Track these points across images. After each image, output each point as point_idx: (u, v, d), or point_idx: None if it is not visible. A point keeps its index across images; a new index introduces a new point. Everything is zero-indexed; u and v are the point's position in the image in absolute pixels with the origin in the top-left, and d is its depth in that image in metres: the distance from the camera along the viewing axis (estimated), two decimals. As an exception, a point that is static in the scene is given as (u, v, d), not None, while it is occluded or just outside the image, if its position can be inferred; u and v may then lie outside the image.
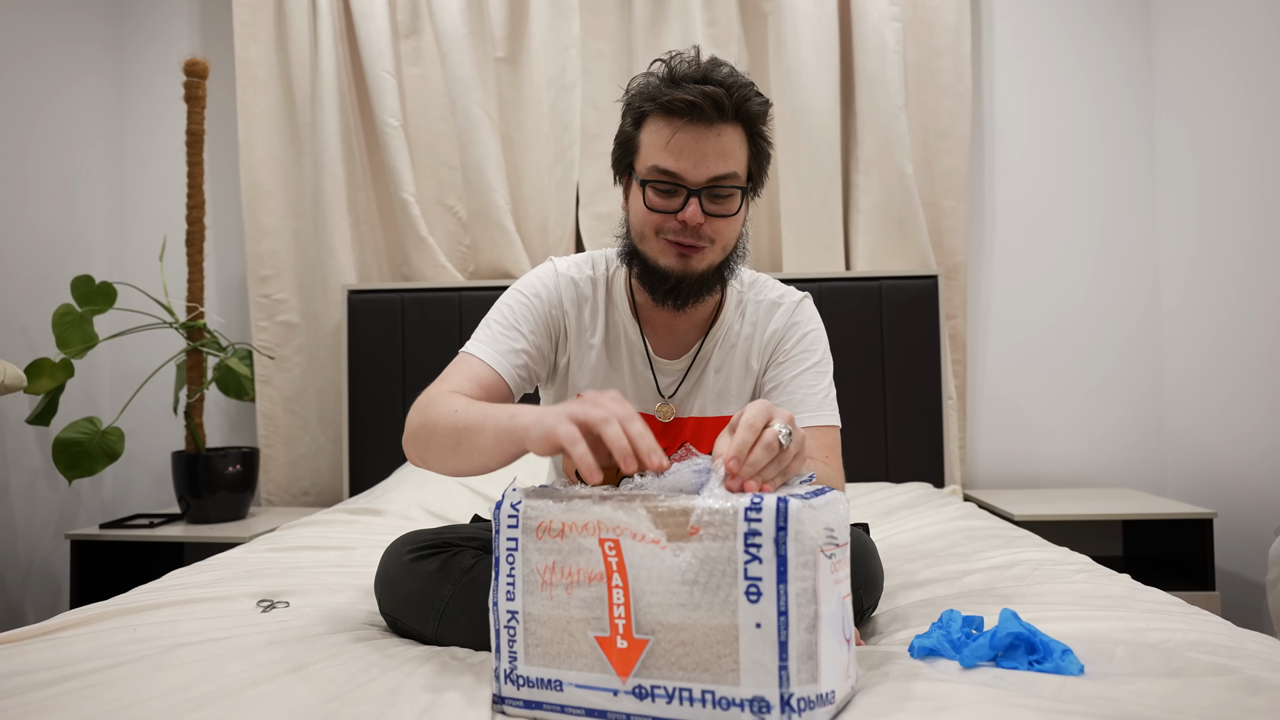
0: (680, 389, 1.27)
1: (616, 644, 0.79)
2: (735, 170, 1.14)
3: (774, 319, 1.28)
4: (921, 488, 2.22)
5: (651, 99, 1.13)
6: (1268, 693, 0.81)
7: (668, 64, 1.13)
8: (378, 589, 1.16)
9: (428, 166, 2.65)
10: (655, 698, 0.77)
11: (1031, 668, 0.90)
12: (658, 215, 1.15)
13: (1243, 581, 2.25)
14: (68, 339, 2.31)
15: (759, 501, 0.76)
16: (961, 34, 2.51)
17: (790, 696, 0.73)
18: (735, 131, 1.13)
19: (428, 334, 2.55)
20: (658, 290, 1.19)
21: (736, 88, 1.11)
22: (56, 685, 0.91)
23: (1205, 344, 2.40)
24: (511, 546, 0.85)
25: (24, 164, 2.50)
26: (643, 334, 1.27)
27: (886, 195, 2.48)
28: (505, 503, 0.86)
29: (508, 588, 0.85)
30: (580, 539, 0.81)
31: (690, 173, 1.12)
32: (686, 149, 1.11)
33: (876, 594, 1.16)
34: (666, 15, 2.56)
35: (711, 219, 1.14)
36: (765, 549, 0.74)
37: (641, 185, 1.15)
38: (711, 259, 1.18)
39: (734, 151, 1.13)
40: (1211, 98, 2.35)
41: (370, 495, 2.21)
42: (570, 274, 1.27)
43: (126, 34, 2.85)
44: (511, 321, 1.22)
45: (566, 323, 1.26)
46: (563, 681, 0.81)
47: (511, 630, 0.84)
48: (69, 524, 2.64)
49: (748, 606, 0.74)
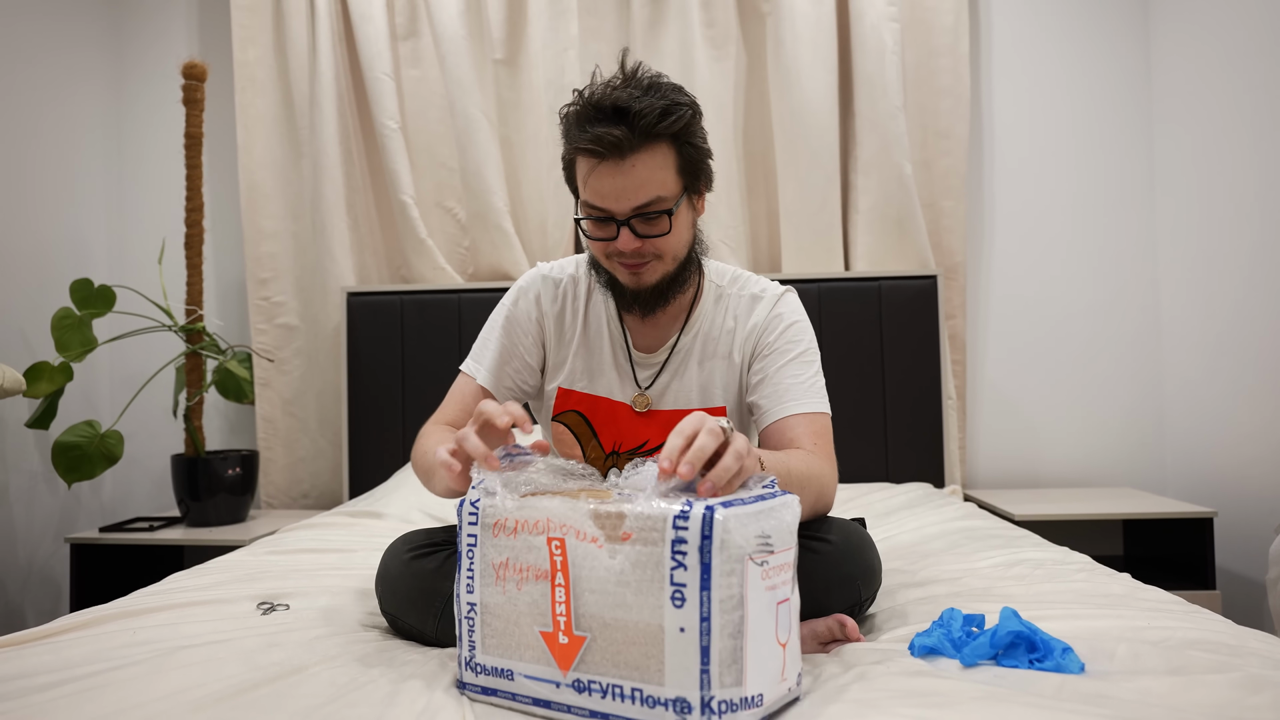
0: (657, 381, 1.30)
1: (559, 639, 0.83)
2: (658, 194, 1.14)
3: (755, 312, 1.30)
4: (921, 488, 2.22)
5: (569, 140, 1.16)
6: (1269, 690, 0.81)
7: (582, 94, 1.14)
8: (378, 588, 1.16)
9: (427, 169, 2.65)
10: (592, 691, 0.81)
11: (1032, 666, 0.90)
12: (600, 243, 1.19)
13: (1243, 581, 2.25)
14: (67, 342, 2.31)
15: (687, 510, 0.77)
16: (960, 34, 2.51)
17: (711, 699, 0.76)
18: (653, 154, 1.12)
19: (427, 336, 2.55)
20: (622, 300, 1.26)
21: (643, 115, 1.09)
22: (56, 688, 0.91)
23: (1205, 343, 2.40)
24: (471, 542, 0.90)
25: (23, 167, 2.50)
26: (624, 328, 1.31)
27: (885, 196, 2.49)
28: (467, 500, 0.91)
29: (468, 580, 0.90)
30: (530, 538, 0.85)
31: (614, 206, 1.14)
32: (604, 188, 1.13)
33: (875, 585, 1.16)
34: (665, 17, 2.56)
35: (647, 239, 1.17)
36: (690, 556, 0.76)
37: (577, 221, 1.20)
38: (663, 270, 1.21)
39: (654, 175, 1.13)
40: (1210, 98, 2.36)
41: (370, 498, 2.21)
42: (552, 274, 1.34)
43: (125, 37, 2.85)
44: (497, 334, 1.32)
45: (546, 324, 1.33)
46: (513, 671, 0.86)
47: (471, 620, 0.89)
48: (69, 527, 2.63)
49: (673, 611, 0.77)
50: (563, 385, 1.32)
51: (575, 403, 1.32)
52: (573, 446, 1.34)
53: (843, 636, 1.06)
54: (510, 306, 1.34)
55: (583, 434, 1.32)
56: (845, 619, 1.06)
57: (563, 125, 1.17)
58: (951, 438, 2.46)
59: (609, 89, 1.12)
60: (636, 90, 1.11)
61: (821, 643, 1.06)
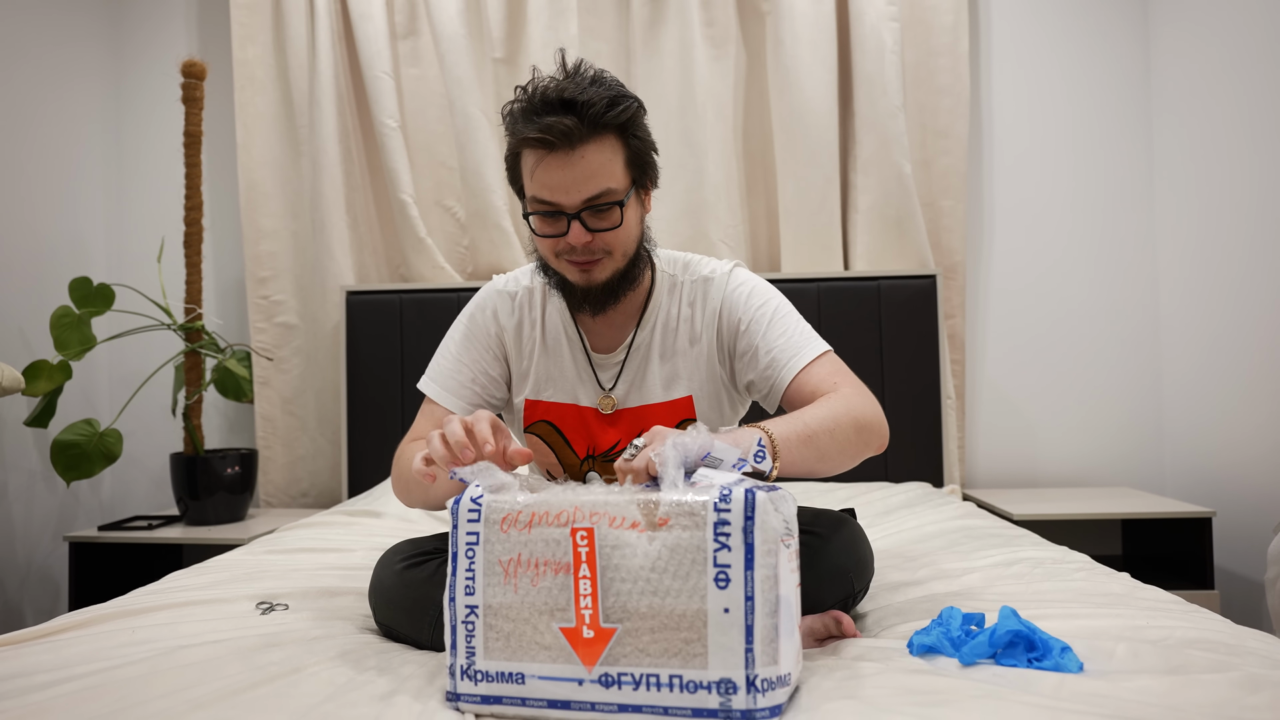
0: (620, 381, 1.29)
1: (583, 634, 0.81)
2: (609, 185, 1.13)
3: (710, 294, 1.28)
4: (920, 487, 2.22)
5: (514, 134, 1.14)
6: (1267, 690, 0.81)
7: (525, 89, 1.13)
8: (372, 600, 1.16)
9: (426, 167, 2.65)
10: (622, 684, 0.80)
11: (1031, 665, 0.90)
12: (549, 239, 1.18)
13: (1242, 580, 2.25)
14: (66, 341, 2.31)
15: (728, 493, 0.80)
16: (959, 34, 2.51)
17: (755, 677, 0.77)
18: (601, 146, 1.12)
19: (426, 335, 2.54)
20: (573, 300, 1.25)
21: (591, 105, 1.09)
22: (55, 687, 0.91)
23: (1204, 342, 2.41)
24: (472, 540, 0.86)
25: (22, 166, 2.50)
26: (579, 332, 1.30)
27: (885, 195, 2.49)
28: (466, 497, 0.88)
29: (467, 582, 0.86)
30: (548, 530, 0.83)
31: (563, 199, 1.13)
32: (553, 180, 1.12)
33: (867, 577, 1.16)
34: (664, 16, 2.56)
35: (598, 234, 1.16)
36: (734, 537, 0.79)
37: (525, 216, 1.18)
38: (613, 266, 1.20)
39: (603, 167, 1.12)
40: (1209, 96, 2.36)
41: (369, 497, 2.21)
42: (506, 289, 1.33)
43: (124, 36, 2.85)
44: (455, 353, 1.32)
45: (505, 338, 1.32)
46: (524, 674, 0.83)
47: (470, 625, 0.85)
48: (67, 526, 2.63)
49: (716, 593, 0.78)
50: (529, 397, 1.31)
51: (543, 412, 1.31)
52: (547, 455, 1.33)
53: (839, 633, 1.06)
54: (467, 322, 1.33)
55: (555, 443, 1.31)
56: (841, 616, 1.06)
57: (506, 122, 1.16)
58: (950, 437, 2.46)
59: (554, 83, 1.12)
60: (582, 83, 1.11)
61: (818, 640, 1.05)
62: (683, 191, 2.56)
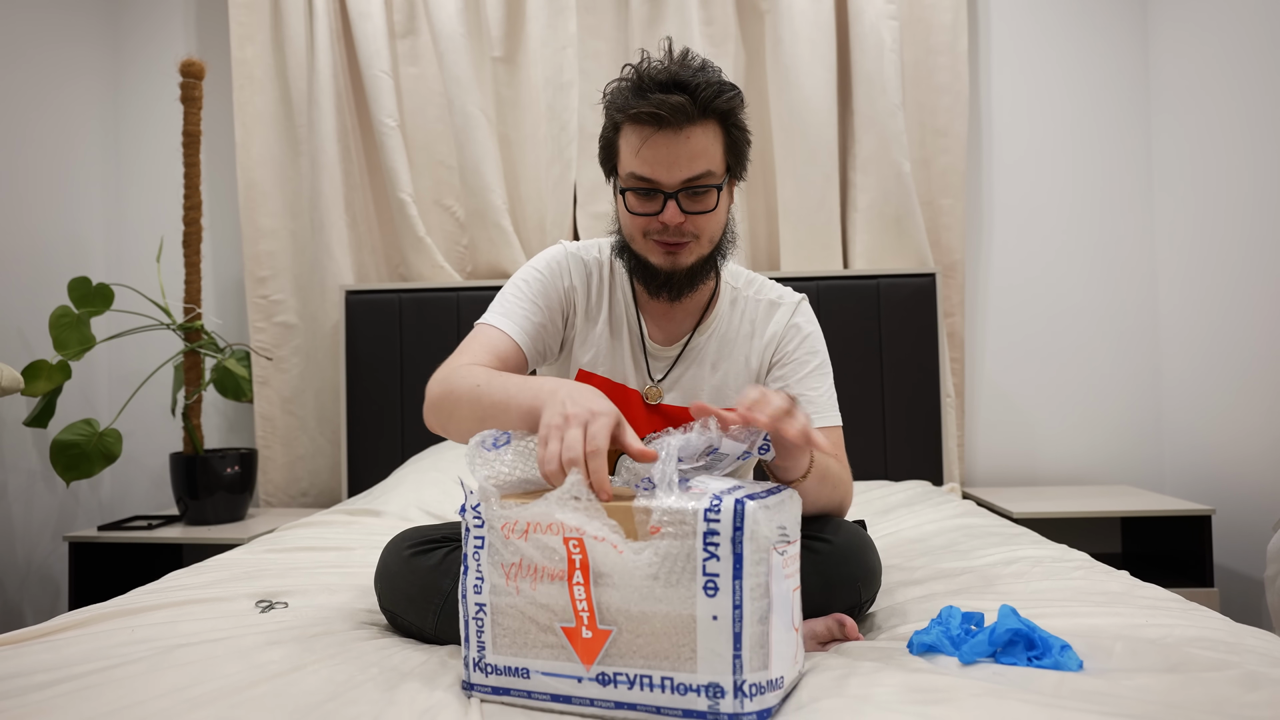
0: (670, 375, 1.30)
1: (581, 634, 0.84)
2: (709, 169, 1.15)
3: (774, 319, 1.31)
4: (920, 485, 2.23)
5: (621, 109, 1.15)
6: (1266, 688, 0.81)
7: (636, 69, 1.15)
8: (377, 584, 1.16)
9: (425, 166, 2.65)
10: (618, 683, 0.83)
11: (1031, 664, 0.90)
12: (641, 218, 1.18)
13: (1241, 578, 2.26)
14: (65, 341, 2.31)
15: (718, 503, 0.80)
16: (958, 32, 2.51)
17: (743, 683, 0.79)
18: (706, 129, 1.15)
19: (426, 334, 2.54)
20: (651, 284, 1.24)
21: (702, 88, 1.12)
22: (55, 686, 0.91)
23: (1203, 340, 2.41)
24: (478, 544, 0.89)
25: (21, 165, 2.50)
26: (640, 319, 1.30)
27: (884, 194, 2.49)
28: (468, 506, 0.90)
29: (476, 582, 0.89)
30: (544, 538, 0.85)
31: (664, 177, 1.14)
32: (658, 156, 1.13)
33: (875, 587, 1.16)
34: (663, 14, 2.56)
35: (692, 216, 1.17)
36: (723, 547, 0.79)
37: (621, 192, 1.19)
38: (699, 252, 1.21)
39: (706, 150, 1.15)
40: (1208, 96, 2.36)
41: (369, 496, 2.21)
42: (581, 254, 1.32)
43: (122, 35, 2.84)
44: (528, 294, 1.26)
45: (575, 298, 1.30)
46: (529, 669, 0.87)
47: (480, 621, 0.89)
48: (67, 526, 2.63)
49: (705, 600, 0.80)
50: (584, 367, 1.31)
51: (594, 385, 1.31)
52: None
53: (841, 636, 1.06)
54: (543, 273, 1.28)
55: None
56: (844, 618, 1.06)
57: (609, 98, 1.18)
58: (950, 435, 2.46)
59: (664, 65, 1.14)
60: (692, 67, 1.14)
61: (821, 642, 1.06)
62: (682, 190, 2.56)
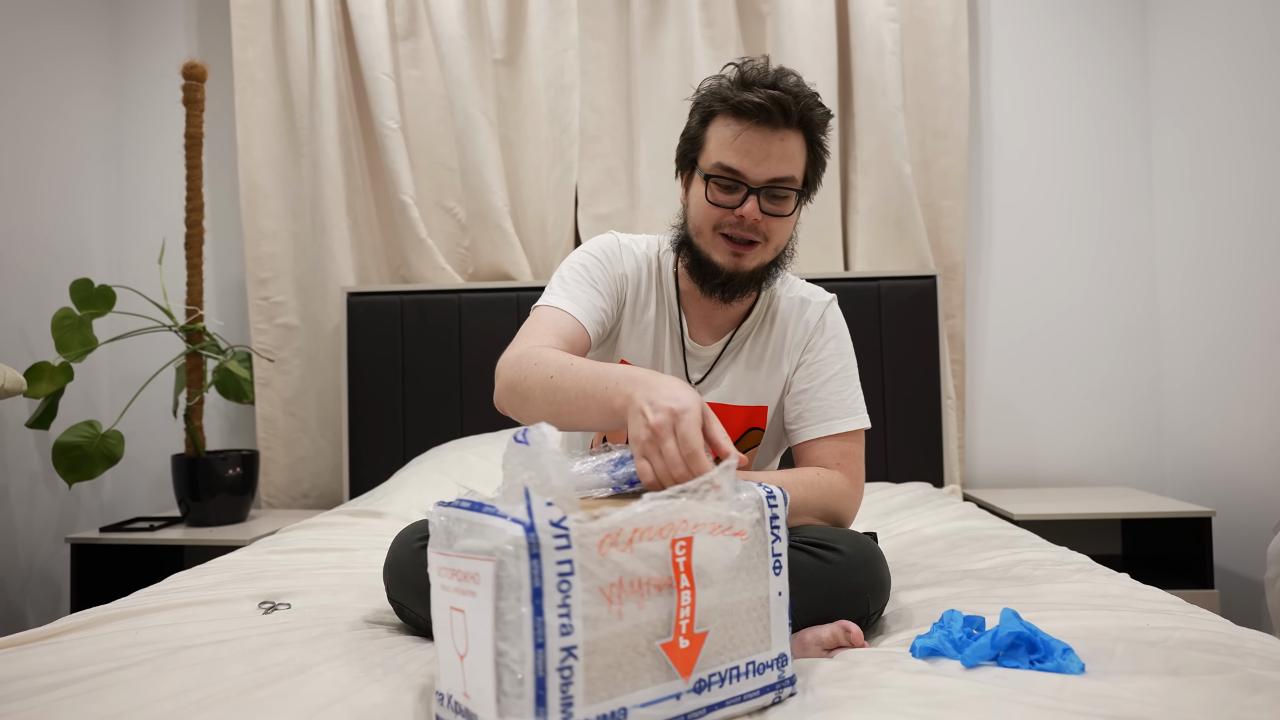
0: (708, 376, 1.32)
1: (679, 645, 0.79)
2: (794, 174, 1.19)
3: (804, 318, 1.32)
4: (921, 487, 2.23)
5: (722, 99, 1.18)
6: (1267, 690, 0.82)
7: (739, 68, 1.18)
8: (386, 576, 1.17)
9: (426, 168, 2.65)
10: (712, 686, 0.82)
11: (1033, 667, 0.90)
12: (717, 210, 1.20)
13: (1241, 580, 2.26)
14: (67, 342, 2.31)
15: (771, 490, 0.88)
16: (959, 34, 2.52)
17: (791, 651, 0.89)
18: (797, 137, 1.18)
19: (427, 336, 2.55)
20: (708, 283, 1.25)
21: (802, 96, 1.17)
22: (60, 689, 0.92)
23: (1203, 342, 2.41)
24: (566, 571, 0.71)
25: (23, 168, 2.50)
26: (682, 318, 1.31)
27: (885, 195, 2.49)
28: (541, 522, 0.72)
29: (562, 622, 0.71)
30: (649, 545, 0.77)
31: (752, 171, 1.17)
32: (751, 149, 1.16)
33: (884, 600, 1.16)
34: (665, 17, 2.56)
35: (768, 217, 1.19)
36: (782, 529, 0.88)
37: (705, 179, 1.20)
38: (763, 257, 1.23)
39: (794, 156, 1.19)
40: (1208, 97, 2.36)
41: (370, 497, 2.21)
42: (630, 246, 1.33)
43: (125, 37, 2.85)
44: (587, 278, 1.26)
45: (626, 288, 1.30)
46: (627, 708, 0.75)
47: (567, 671, 0.71)
48: (69, 527, 2.64)
49: (774, 579, 0.87)
50: (626, 359, 1.31)
51: None
52: None
53: (847, 643, 1.06)
54: (600, 259, 1.28)
55: None
56: (850, 625, 1.06)
57: (710, 90, 1.20)
58: (950, 437, 2.47)
59: (767, 69, 1.18)
60: (790, 77, 1.18)
61: (826, 649, 1.05)
62: (683, 192, 2.56)
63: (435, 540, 0.79)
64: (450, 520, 0.78)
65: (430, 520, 0.80)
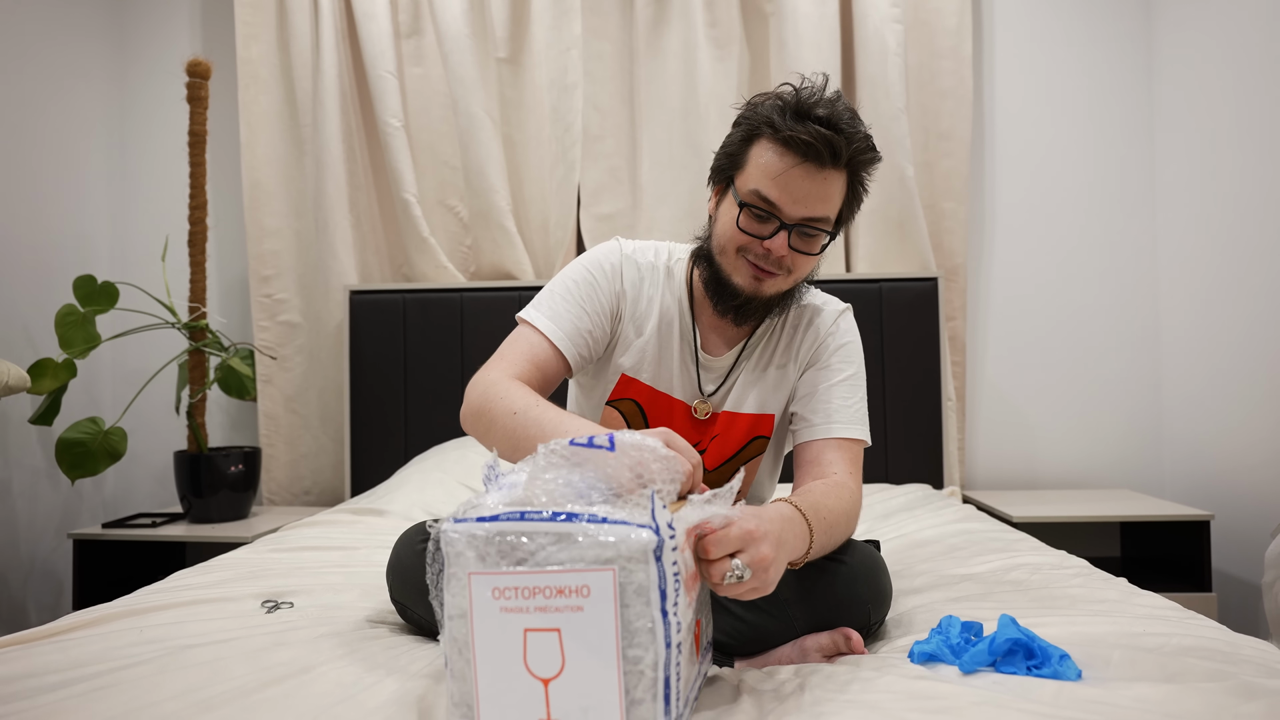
0: (720, 388, 1.30)
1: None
2: (829, 214, 1.15)
3: (815, 324, 1.31)
4: (920, 489, 2.23)
5: (772, 125, 1.13)
6: (1263, 698, 0.82)
7: (798, 91, 1.13)
8: (389, 577, 1.18)
9: (429, 167, 2.65)
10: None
11: (1030, 673, 0.91)
12: (745, 237, 1.17)
13: (1239, 583, 2.27)
14: (70, 339, 2.32)
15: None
16: (962, 36, 2.52)
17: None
18: (840, 178, 1.14)
19: (429, 334, 2.55)
20: (724, 302, 1.22)
21: (856, 138, 1.12)
22: (66, 688, 0.92)
23: (1203, 346, 2.41)
24: (676, 570, 0.73)
25: (26, 164, 2.51)
26: (695, 329, 1.29)
27: (887, 197, 2.49)
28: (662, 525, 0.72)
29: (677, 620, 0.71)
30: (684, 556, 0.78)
31: (789, 207, 1.13)
32: (791, 185, 1.12)
33: (885, 609, 1.16)
34: (668, 16, 2.56)
35: (795, 253, 1.17)
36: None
37: (739, 205, 1.16)
38: (782, 286, 1.21)
39: (833, 197, 1.15)
40: (1211, 100, 2.36)
41: (372, 495, 2.22)
42: (635, 257, 1.30)
43: (128, 35, 2.85)
44: (576, 297, 1.24)
45: (623, 304, 1.28)
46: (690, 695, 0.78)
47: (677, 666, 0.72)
48: (71, 523, 2.64)
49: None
50: (628, 373, 1.29)
51: (635, 392, 1.29)
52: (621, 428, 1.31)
53: (847, 650, 1.06)
54: (595, 275, 1.26)
55: (636, 423, 1.30)
56: (850, 632, 1.07)
57: (765, 108, 1.15)
58: (951, 439, 2.47)
59: (824, 100, 1.12)
60: (844, 113, 1.12)
61: (826, 656, 1.06)
62: (686, 193, 2.56)
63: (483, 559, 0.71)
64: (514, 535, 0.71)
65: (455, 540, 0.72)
